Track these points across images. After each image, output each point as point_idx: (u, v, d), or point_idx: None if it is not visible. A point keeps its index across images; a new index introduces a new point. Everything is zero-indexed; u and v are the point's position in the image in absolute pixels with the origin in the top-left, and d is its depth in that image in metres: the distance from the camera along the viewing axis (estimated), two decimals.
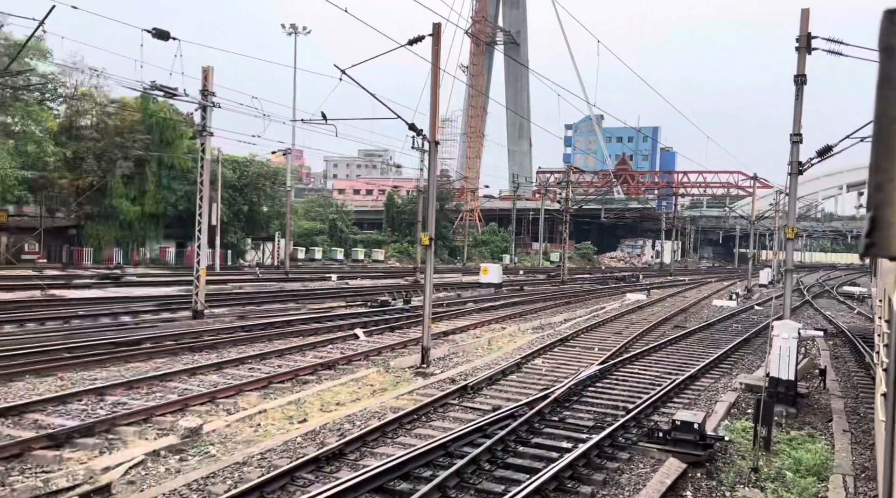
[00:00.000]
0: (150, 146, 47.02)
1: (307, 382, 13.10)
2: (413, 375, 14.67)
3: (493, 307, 28.18)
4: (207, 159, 20.30)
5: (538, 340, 20.34)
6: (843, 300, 41.24)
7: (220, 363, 13.90)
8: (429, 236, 15.06)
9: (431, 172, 14.92)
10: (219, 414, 10.68)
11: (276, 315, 21.91)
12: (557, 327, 23.79)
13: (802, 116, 14.81)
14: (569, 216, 71.89)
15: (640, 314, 29.04)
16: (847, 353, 20.99)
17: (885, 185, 1.38)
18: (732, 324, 26.97)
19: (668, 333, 23.30)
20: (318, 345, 16.89)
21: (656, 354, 18.77)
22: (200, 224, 20.32)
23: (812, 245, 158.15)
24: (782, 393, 13.23)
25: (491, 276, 36.06)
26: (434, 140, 14.79)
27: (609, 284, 47.76)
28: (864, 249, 1.41)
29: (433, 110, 14.83)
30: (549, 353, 18.22)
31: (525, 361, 16.56)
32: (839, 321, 28.49)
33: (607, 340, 20.96)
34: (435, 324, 22.68)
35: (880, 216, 1.38)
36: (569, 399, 12.82)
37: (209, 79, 19.60)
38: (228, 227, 53.54)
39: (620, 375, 15.45)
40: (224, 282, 32.98)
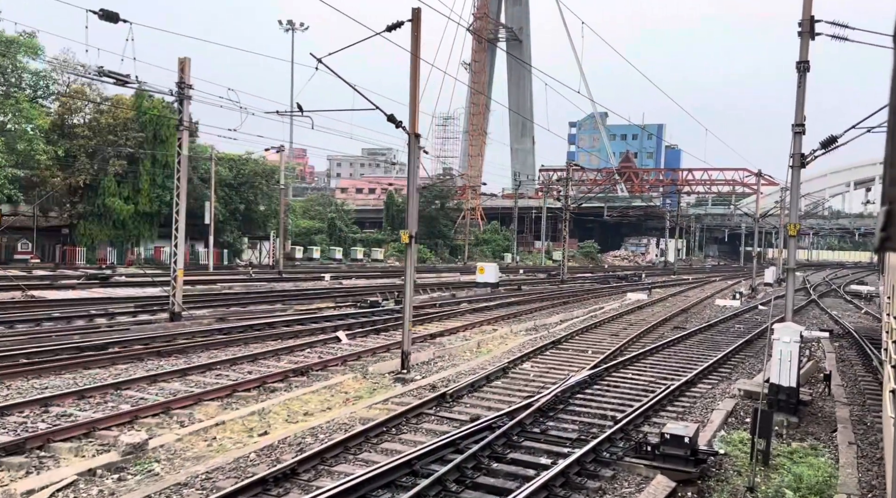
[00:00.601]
0: (143, 144, 46.37)
1: (275, 390, 12.32)
2: (392, 381, 13.88)
3: (487, 308, 27.36)
4: (185, 155, 19.54)
5: (530, 343, 19.52)
6: (850, 299, 40.26)
7: (186, 369, 13.14)
8: (409, 234, 14.25)
9: (412, 166, 14.11)
10: (171, 426, 9.90)
11: (260, 317, 21.16)
12: (552, 329, 22.96)
13: (805, 106, 13.94)
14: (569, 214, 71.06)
15: (639, 315, 28.17)
16: (854, 355, 20.10)
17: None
18: (735, 324, 26.08)
19: (666, 335, 22.44)
20: (296, 349, 16.11)
21: (652, 357, 17.92)
22: (177, 222, 19.55)
23: (819, 243, 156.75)
24: (783, 401, 12.38)
25: (487, 275, 35.23)
26: (414, 132, 13.98)
27: (610, 283, 46.87)
28: (880, 244, 1.43)
29: (413, 101, 14.02)
30: (539, 356, 17.39)
31: (513, 366, 15.74)
32: (846, 321, 27.57)
33: (602, 343, 20.12)
34: (424, 325, 21.91)
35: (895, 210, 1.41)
36: (554, 408, 12.00)
37: (186, 70, 18.85)
38: (225, 226, 52.90)
39: (612, 381, 14.61)
40: (214, 282, 32.26)
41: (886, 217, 1.38)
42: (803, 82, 13.85)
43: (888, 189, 1.40)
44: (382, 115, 13.81)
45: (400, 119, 14.13)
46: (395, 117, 14.08)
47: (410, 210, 14.42)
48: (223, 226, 52.67)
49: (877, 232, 1.42)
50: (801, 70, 13.84)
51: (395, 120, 14.07)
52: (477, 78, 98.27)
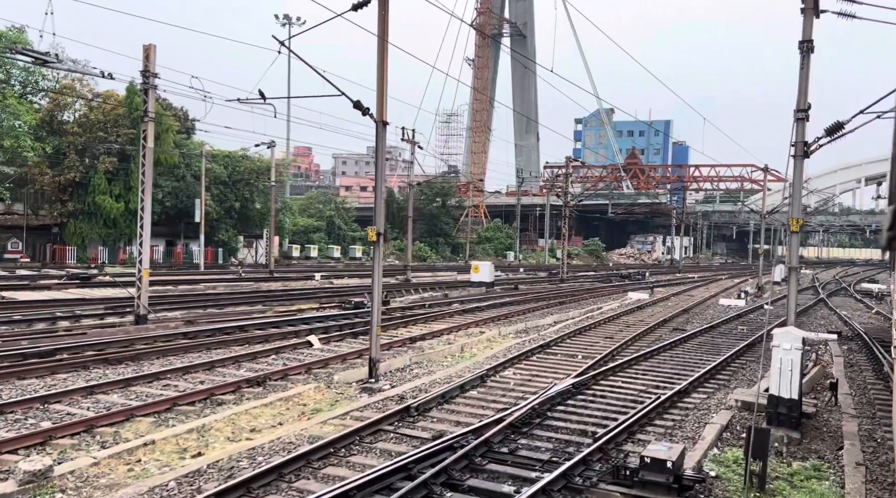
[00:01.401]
0: (135, 140, 45.40)
1: (223, 403, 11.23)
2: (358, 391, 12.78)
3: (478, 308, 26.23)
4: (150, 148, 18.53)
5: (517, 347, 18.39)
6: (860, 298, 38.88)
7: (131, 379, 12.08)
8: (376, 231, 13.14)
9: (379, 156, 13.00)
10: (90, 448, 8.83)
11: (233, 319, 20.11)
12: (544, 331, 21.82)
13: (809, 89, 12.73)
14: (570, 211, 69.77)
15: (638, 315, 26.97)
16: (863, 359, 18.86)
17: None
18: (738, 326, 24.84)
19: (664, 337, 21.25)
20: (262, 355, 15.04)
21: (646, 362, 16.74)
22: (142, 220, 18.53)
23: (829, 240, 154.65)
24: (783, 415, 11.20)
25: (482, 274, 34.08)
26: (382, 120, 12.86)
27: (612, 281, 45.63)
28: (887, 242, 1.69)
29: (380, 87, 12.89)
30: (524, 362, 16.26)
31: (493, 373, 14.62)
32: (855, 322, 26.27)
33: (595, 346, 18.96)
34: (407, 328, 20.81)
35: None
36: (529, 422, 10.86)
37: (151, 58, 17.82)
38: (219, 225, 51.99)
39: (599, 390, 13.46)
40: (198, 282, 31.26)
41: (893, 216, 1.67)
42: (807, 63, 12.65)
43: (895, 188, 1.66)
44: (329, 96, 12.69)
45: (367, 106, 13.02)
46: (361, 104, 12.98)
47: (377, 206, 13.31)
48: (218, 224, 51.76)
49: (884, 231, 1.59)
50: (805, 50, 12.63)
51: (362, 107, 12.96)
52: (480, 74, 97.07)
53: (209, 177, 50.25)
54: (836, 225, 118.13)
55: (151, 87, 18.13)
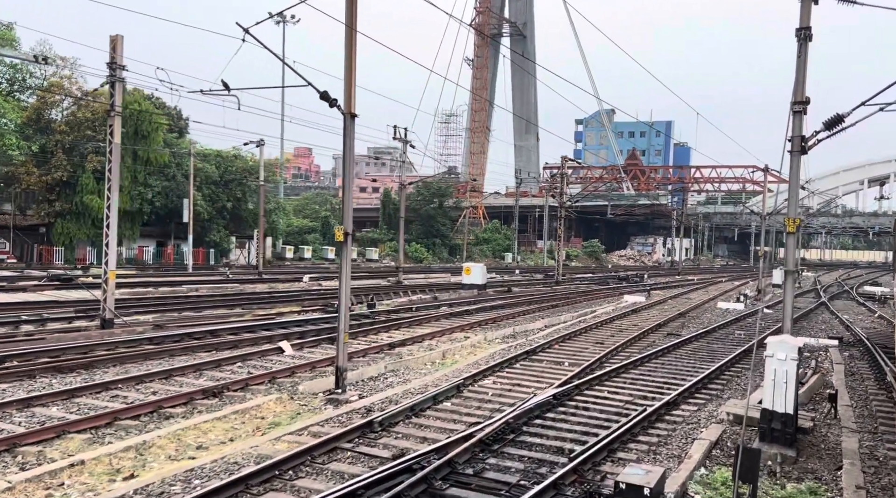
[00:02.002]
0: (124, 139, 44.64)
1: (171, 417, 10.41)
2: (323, 403, 11.95)
3: (467, 312, 25.39)
4: (116, 144, 17.73)
5: (502, 353, 17.55)
6: (862, 302, 37.96)
7: (78, 389, 11.27)
8: (344, 231, 12.31)
9: (347, 151, 12.16)
10: (8, 470, 8.01)
11: (209, 323, 19.30)
12: (532, 336, 20.98)
13: (811, 84, 11.88)
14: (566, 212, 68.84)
15: (632, 319, 26.12)
16: (865, 367, 17.99)
17: None
18: (735, 330, 23.98)
19: (657, 343, 20.40)
20: (226, 362, 14.21)
21: (636, 370, 15.90)
22: (108, 218, 17.72)
23: (832, 242, 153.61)
24: (777, 431, 10.35)
25: (474, 276, 33.24)
26: (350, 112, 12.03)
27: (609, 284, 44.75)
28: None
29: (348, 78, 12.07)
30: (507, 370, 15.41)
31: (471, 382, 13.77)
32: (858, 327, 25.39)
33: (583, 352, 18.11)
34: (389, 332, 19.98)
35: None
36: (501, 439, 10.03)
37: (118, 50, 17.02)
38: (211, 225, 51.22)
39: (582, 401, 12.61)
40: (182, 283, 30.44)
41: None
42: (804, 52, 11.80)
43: None
44: (295, 86, 11.87)
45: (335, 97, 12.20)
46: (328, 95, 12.16)
47: (345, 204, 12.48)
48: (209, 225, 51.00)
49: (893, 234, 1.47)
50: (802, 38, 11.79)
51: (329, 97, 12.14)
52: (479, 74, 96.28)
53: (200, 177, 49.50)
54: (839, 227, 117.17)
55: (119, 80, 17.34)
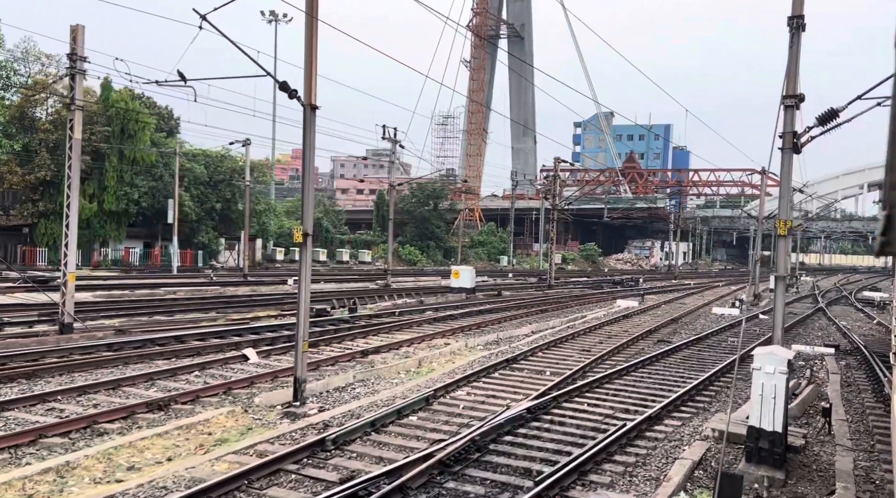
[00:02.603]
0: (110, 138, 43.91)
1: (105, 433, 9.59)
2: (279, 417, 11.13)
3: (452, 317, 24.58)
4: (77, 138, 16.94)
5: (482, 361, 16.75)
6: (860, 307, 37.15)
7: (10, 402, 10.45)
8: (303, 231, 11.51)
9: (307, 144, 11.36)
10: None
11: (177, 328, 18.49)
12: (517, 342, 20.17)
13: (800, 73, 11.10)
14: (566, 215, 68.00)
15: (623, 325, 25.31)
16: (862, 378, 17.17)
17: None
18: (728, 337, 23.18)
19: (646, 350, 19.60)
20: (183, 371, 13.39)
21: (620, 380, 15.08)
22: (68, 218, 16.92)
23: (831, 247, 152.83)
24: (765, 450, 9.54)
25: (462, 280, 32.43)
26: (310, 103, 11.24)
27: (603, 288, 43.93)
28: (880, 248, 1.46)
29: (308, 68, 11.27)
30: (484, 379, 14.60)
31: (443, 393, 12.95)
32: (855, 334, 24.57)
33: (567, 361, 17.30)
34: (366, 339, 19.16)
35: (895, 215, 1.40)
36: (464, 458, 9.21)
37: (78, 40, 16.24)
38: (200, 226, 50.41)
39: (559, 415, 11.79)
40: (162, 286, 29.60)
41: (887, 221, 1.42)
42: (797, 43, 11.01)
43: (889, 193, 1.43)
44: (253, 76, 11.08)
45: (295, 88, 11.40)
46: (287, 85, 11.37)
47: (305, 201, 11.67)
48: (198, 226, 50.19)
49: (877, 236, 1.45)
50: (795, 27, 11.01)
51: (289, 88, 11.36)
52: (476, 75, 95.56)
53: (189, 177, 48.73)
54: (838, 231, 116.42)
55: (79, 72, 16.55)
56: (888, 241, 1.41)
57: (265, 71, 11.61)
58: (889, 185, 1.42)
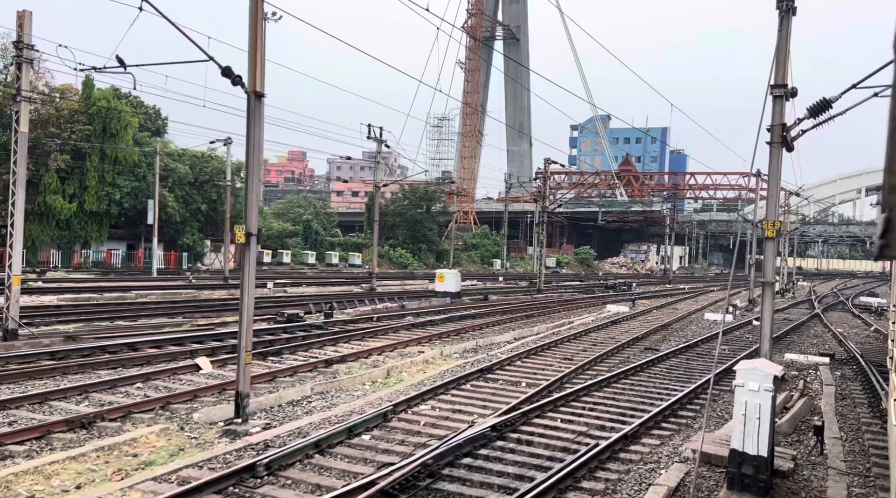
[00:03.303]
0: (91, 137, 42.92)
1: (10, 456, 8.59)
2: (218, 435, 10.14)
3: (431, 322, 23.59)
4: (24, 132, 15.95)
5: (456, 370, 15.77)
6: (858, 313, 36.22)
7: None
8: (246, 231, 10.53)
9: (251, 134, 10.40)
10: None
11: (134, 334, 17.49)
12: (496, 350, 19.20)
13: (790, 60, 10.15)
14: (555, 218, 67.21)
15: (610, 331, 24.35)
16: (858, 390, 16.19)
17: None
18: (720, 345, 22.13)
19: (632, 359, 18.64)
20: (125, 382, 12.40)
21: (600, 392, 14.10)
22: (13, 217, 15.93)
23: (829, 252, 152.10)
24: (748, 476, 8.58)
25: (447, 284, 31.45)
26: (255, 90, 10.28)
27: (595, 292, 42.95)
28: (878, 251, 1.44)
29: (253, 51, 10.33)
30: (453, 391, 13.61)
31: (404, 408, 11.97)
32: (851, 342, 23.61)
33: (546, 370, 16.33)
34: (335, 346, 18.17)
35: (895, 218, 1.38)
36: (412, 486, 8.23)
37: (25, 28, 15.29)
38: (184, 228, 49.40)
39: (527, 433, 10.81)
40: (135, 289, 28.56)
41: (885, 225, 1.40)
42: (786, 27, 10.06)
43: (888, 197, 1.41)
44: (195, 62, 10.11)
45: (239, 74, 10.45)
46: (231, 71, 10.42)
47: (248, 198, 10.70)
48: (183, 227, 49.20)
49: (876, 240, 1.43)
50: (784, 10, 10.06)
51: (232, 74, 10.42)
52: (471, 77, 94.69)
53: (173, 177, 47.78)
54: (836, 236, 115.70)
55: (26, 61, 15.59)
56: (887, 244, 1.39)
57: (206, 55, 10.65)
58: (888, 189, 1.42)
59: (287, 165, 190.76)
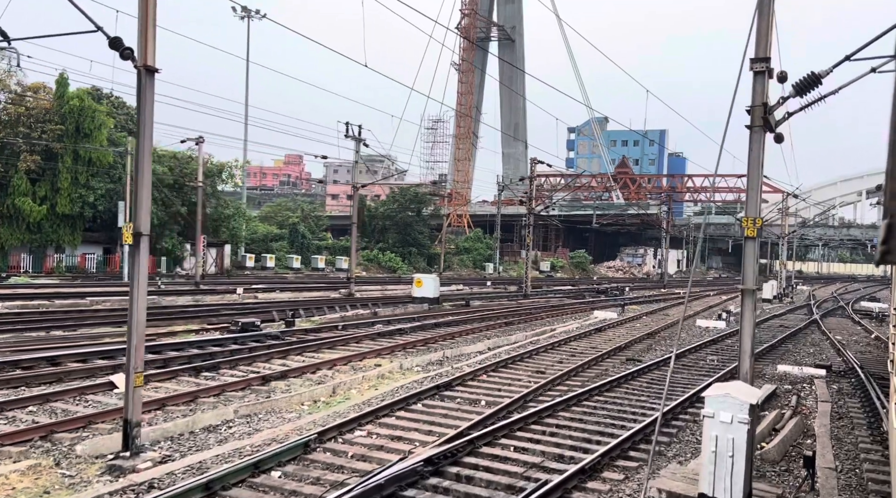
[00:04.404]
0: (63, 137, 41.46)
1: None
2: (100, 472, 8.61)
3: (401, 331, 22.05)
4: None
5: (411, 386, 14.27)
6: (858, 320, 34.65)
7: None
8: (134, 231, 9.03)
9: (143, 115, 8.90)
10: None
11: (63, 346, 15.98)
12: (465, 361, 17.70)
13: (773, 29, 8.65)
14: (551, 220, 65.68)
15: (593, 340, 22.82)
16: (856, 407, 14.64)
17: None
18: (708, 356, 20.64)
19: (611, 371, 17.13)
20: (14, 405, 10.86)
21: (565, 413, 12.57)
22: None
23: (830, 255, 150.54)
24: None
25: (425, 289, 29.93)
26: (145, 65, 8.79)
27: (585, 297, 41.42)
28: (880, 257, 1.45)
29: (144, 21, 8.82)
30: (400, 412, 12.08)
31: (335, 435, 10.45)
32: (850, 352, 22.06)
33: (513, 386, 14.81)
34: (285, 359, 16.64)
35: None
36: None
37: None
38: (163, 231, 47.90)
39: (469, 467, 9.28)
40: (87, 295, 26.99)
41: (887, 230, 1.41)
42: None
43: (889, 202, 1.43)
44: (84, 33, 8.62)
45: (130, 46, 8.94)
46: (121, 42, 8.92)
47: (139, 191, 9.20)
48: (161, 231, 47.66)
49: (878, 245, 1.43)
50: None
51: (121, 45, 8.91)
52: (465, 78, 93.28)
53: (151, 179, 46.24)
54: (836, 239, 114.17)
55: None
56: (889, 249, 1.40)
57: (95, 25, 9.14)
58: (889, 194, 1.42)
59: (283, 169, 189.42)
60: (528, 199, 38.42)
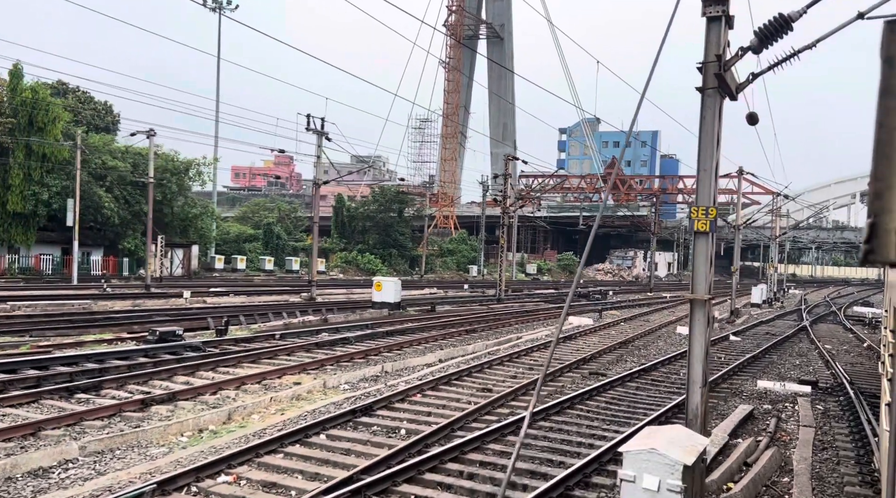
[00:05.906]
0: (14, 131, 39.29)
1: None
2: None
3: (345, 341, 19.96)
4: None
5: (327, 409, 12.23)
6: (850, 326, 32.69)
7: None
8: None
9: None
10: None
11: None
12: (406, 376, 15.66)
13: None
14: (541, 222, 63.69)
15: (559, 350, 20.74)
16: (843, 434, 12.59)
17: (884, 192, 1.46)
18: (681, 368, 18.58)
19: (567, 389, 15.10)
20: None
21: (497, 444, 10.50)
22: None
23: (824, 258, 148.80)
24: None
25: (385, 293, 27.82)
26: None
27: (565, 301, 39.33)
28: (864, 256, 1.49)
29: None
30: (292, 447, 9.99)
31: (191, 480, 8.34)
32: (839, 364, 20.04)
33: (448, 408, 12.76)
34: (190, 376, 14.52)
35: (880, 223, 1.43)
36: None
37: None
38: (126, 231, 45.76)
39: None
40: (9, 300, 24.74)
41: (871, 230, 1.43)
42: None
43: (873, 202, 1.44)
44: None
45: None
46: None
47: None
48: (124, 230, 45.54)
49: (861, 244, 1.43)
50: None
51: None
52: (452, 76, 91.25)
53: (112, 176, 44.18)
54: (830, 242, 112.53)
55: None
56: (872, 249, 1.41)
57: None
58: (874, 194, 1.43)
59: (273, 169, 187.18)
60: (502, 198, 36.37)
